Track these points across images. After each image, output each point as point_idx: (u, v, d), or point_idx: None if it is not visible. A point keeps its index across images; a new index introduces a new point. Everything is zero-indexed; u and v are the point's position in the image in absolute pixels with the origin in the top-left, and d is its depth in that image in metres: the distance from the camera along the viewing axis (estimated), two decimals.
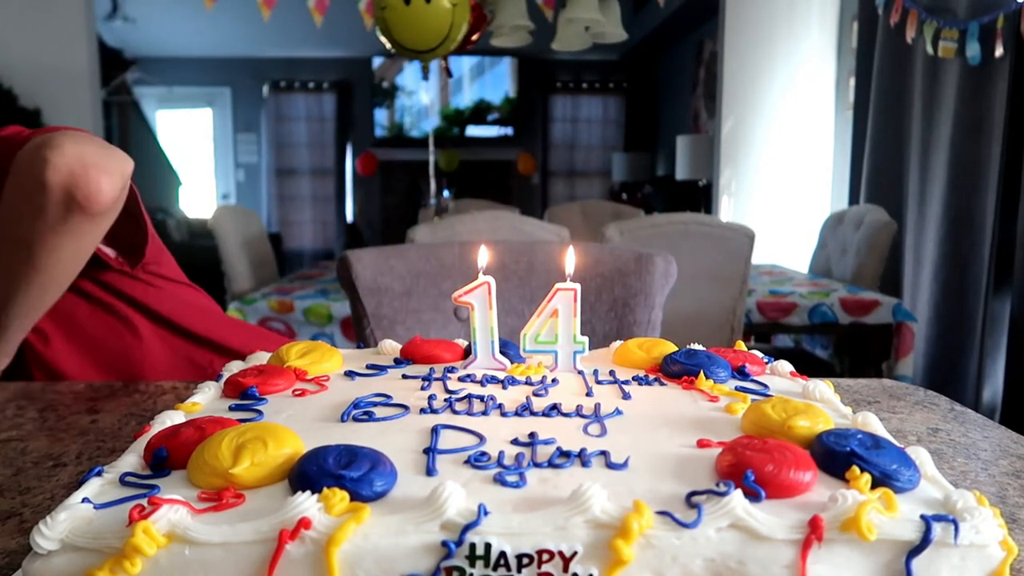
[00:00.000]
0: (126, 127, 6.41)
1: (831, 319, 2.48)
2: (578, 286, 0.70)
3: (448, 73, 3.17)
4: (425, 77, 2.79)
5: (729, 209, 4.46)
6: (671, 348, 0.75)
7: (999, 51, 2.72)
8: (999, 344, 2.84)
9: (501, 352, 0.72)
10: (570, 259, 0.73)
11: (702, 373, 0.66)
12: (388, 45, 2.63)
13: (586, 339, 0.71)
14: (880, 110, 3.61)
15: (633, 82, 7.96)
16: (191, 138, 8.18)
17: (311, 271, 3.37)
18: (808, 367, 2.93)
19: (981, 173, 2.89)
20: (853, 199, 3.95)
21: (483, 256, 0.72)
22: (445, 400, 0.61)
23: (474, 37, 2.74)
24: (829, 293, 2.53)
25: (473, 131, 8.11)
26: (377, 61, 7.67)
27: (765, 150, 4.39)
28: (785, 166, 4.38)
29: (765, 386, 0.66)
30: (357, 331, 1.40)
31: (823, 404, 0.60)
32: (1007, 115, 2.76)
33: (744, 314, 2.42)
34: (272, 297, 2.56)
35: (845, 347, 3.01)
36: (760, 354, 0.76)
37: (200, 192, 8.11)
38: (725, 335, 2.40)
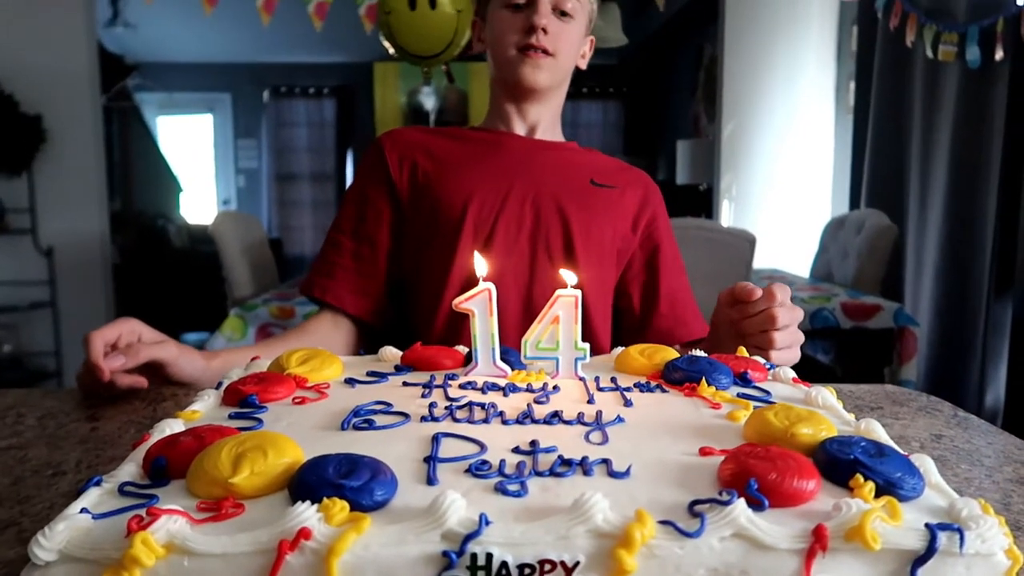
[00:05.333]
0: (127, 133, 6.42)
1: (833, 324, 2.48)
2: (579, 292, 0.69)
3: (450, 78, 3.17)
4: (427, 82, 2.79)
5: (730, 214, 4.46)
6: (673, 354, 0.74)
7: (999, 54, 2.72)
8: (1001, 348, 2.83)
9: (502, 359, 0.71)
10: (570, 275, 0.73)
11: (704, 380, 0.66)
12: (391, 50, 2.63)
13: (587, 346, 0.71)
14: (880, 114, 3.61)
15: (633, 86, 7.96)
16: (192, 144, 8.18)
17: None
18: (810, 372, 2.92)
19: (982, 177, 2.89)
20: (854, 203, 3.95)
21: (480, 264, 0.72)
22: (446, 408, 0.60)
23: None
24: (831, 297, 2.53)
25: None
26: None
27: (766, 154, 4.39)
28: (786, 170, 4.38)
29: (767, 393, 0.66)
30: None
31: (826, 411, 0.60)
32: (1007, 118, 2.75)
33: None
34: (273, 303, 2.56)
35: (847, 352, 3.01)
36: (762, 360, 0.76)
37: (201, 198, 8.11)
38: None
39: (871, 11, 3.57)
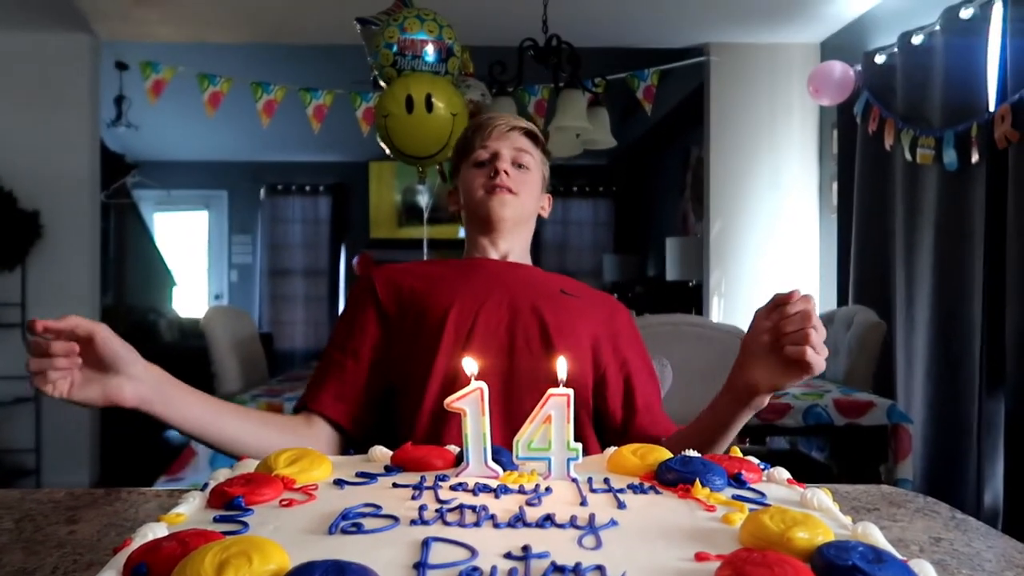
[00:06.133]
0: (123, 229, 6.49)
1: (826, 420, 2.45)
2: (571, 392, 0.69)
3: (443, 177, 3.25)
4: (422, 182, 2.86)
5: (720, 309, 4.49)
6: (666, 454, 0.74)
7: (975, 157, 2.81)
8: (997, 445, 2.81)
9: (494, 459, 0.71)
10: (562, 364, 0.73)
11: (698, 481, 0.65)
12: (388, 151, 2.70)
13: (579, 446, 0.70)
14: (863, 213, 3.69)
15: (623, 186, 8.16)
16: (187, 239, 8.27)
17: (301, 372, 3.35)
18: (804, 469, 2.88)
19: (965, 274, 2.93)
20: (842, 300, 3.99)
21: (471, 365, 0.72)
22: (436, 511, 0.59)
23: None
24: (823, 394, 2.51)
25: None
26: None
27: (753, 251, 4.46)
28: (773, 267, 4.45)
29: (762, 494, 0.65)
30: None
31: (822, 513, 0.59)
32: (986, 218, 2.82)
33: None
34: (261, 399, 2.53)
35: (842, 449, 2.97)
36: (756, 460, 0.75)
37: (193, 292, 8.14)
38: None
39: (850, 116, 3.71)
